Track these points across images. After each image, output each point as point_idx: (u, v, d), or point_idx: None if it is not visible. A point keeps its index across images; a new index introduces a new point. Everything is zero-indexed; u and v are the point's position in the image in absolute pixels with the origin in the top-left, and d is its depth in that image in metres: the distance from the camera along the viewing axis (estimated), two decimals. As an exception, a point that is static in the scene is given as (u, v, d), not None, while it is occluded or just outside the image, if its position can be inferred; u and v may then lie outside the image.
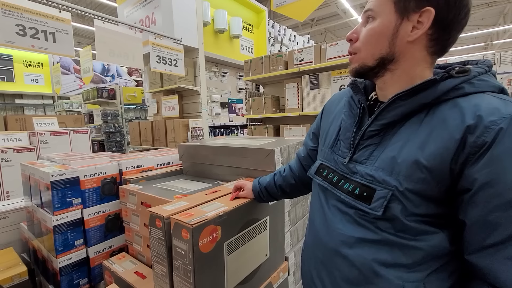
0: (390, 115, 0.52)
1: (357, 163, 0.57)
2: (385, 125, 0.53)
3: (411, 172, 0.48)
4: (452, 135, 0.45)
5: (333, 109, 0.71)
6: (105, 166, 1.30)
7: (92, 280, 1.25)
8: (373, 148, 0.55)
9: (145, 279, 1.02)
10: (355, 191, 0.56)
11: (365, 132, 0.56)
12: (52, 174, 1.11)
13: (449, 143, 0.44)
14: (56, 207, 1.12)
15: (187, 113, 3.72)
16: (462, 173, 0.44)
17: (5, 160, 2.25)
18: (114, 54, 2.40)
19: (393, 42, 0.51)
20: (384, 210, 0.50)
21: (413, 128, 0.50)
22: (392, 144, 0.52)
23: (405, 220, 0.48)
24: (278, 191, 0.90)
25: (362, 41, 0.55)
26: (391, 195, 0.49)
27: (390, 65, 0.53)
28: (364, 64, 0.55)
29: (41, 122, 2.63)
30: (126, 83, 8.25)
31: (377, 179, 0.52)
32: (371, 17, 0.53)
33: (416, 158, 0.47)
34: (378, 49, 0.53)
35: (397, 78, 0.54)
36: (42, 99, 7.10)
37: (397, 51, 0.52)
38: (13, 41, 1.63)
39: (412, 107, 0.50)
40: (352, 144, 0.59)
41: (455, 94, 0.48)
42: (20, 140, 2.44)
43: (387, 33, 0.51)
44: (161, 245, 0.80)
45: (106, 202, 1.29)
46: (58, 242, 1.14)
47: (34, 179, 1.26)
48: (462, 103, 0.46)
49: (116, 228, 1.32)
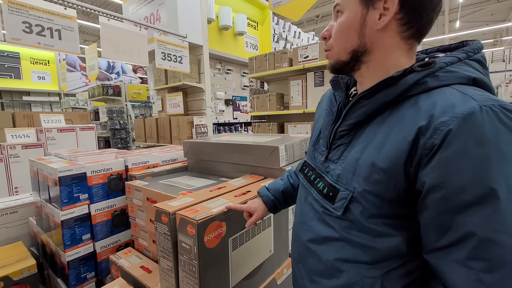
0: (355, 115, 0.52)
1: (331, 162, 0.57)
2: (353, 125, 0.53)
3: (369, 173, 0.47)
4: (405, 136, 0.43)
5: (323, 105, 0.71)
6: (111, 162, 1.32)
7: (99, 274, 1.27)
8: (343, 148, 0.55)
9: (151, 274, 1.04)
10: (324, 190, 0.57)
11: (336, 132, 0.56)
12: (60, 170, 1.12)
13: (402, 145, 0.43)
14: (64, 202, 1.14)
15: (192, 110, 3.73)
16: (417, 175, 0.43)
17: (13, 156, 2.29)
18: (119, 51, 2.41)
19: (362, 33, 0.50)
20: (344, 210, 0.51)
21: (376, 129, 0.49)
22: (358, 144, 0.52)
23: (365, 222, 0.49)
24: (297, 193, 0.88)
25: (333, 37, 0.54)
26: (351, 196, 0.50)
27: (364, 57, 0.52)
28: (338, 59, 0.54)
29: (48, 119, 2.66)
30: (131, 80, 8.30)
31: (342, 180, 0.52)
32: (340, 11, 0.52)
33: (373, 159, 0.47)
34: (349, 42, 0.51)
35: (372, 70, 0.52)
36: (48, 96, 7.18)
37: (367, 41, 0.50)
38: (20, 38, 1.65)
39: (374, 106, 0.49)
40: (328, 143, 0.59)
41: (418, 90, 0.45)
42: (28, 136, 2.48)
43: (355, 25, 0.50)
44: (167, 240, 0.81)
45: (112, 197, 1.31)
46: (66, 236, 1.16)
47: (42, 175, 1.29)
48: (421, 101, 0.44)
49: (122, 223, 1.34)
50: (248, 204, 0.82)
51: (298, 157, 1.25)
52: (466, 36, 11.48)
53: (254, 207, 0.80)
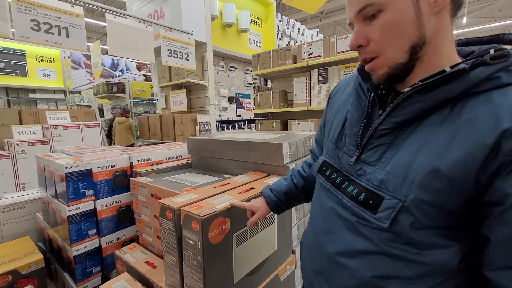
0: (406, 111, 0.45)
1: (365, 164, 0.50)
2: (400, 123, 0.46)
3: (427, 181, 0.41)
4: (482, 139, 0.37)
5: (339, 98, 0.64)
6: (116, 159, 1.33)
7: (105, 269, 1.29)
8: (384, 149, 0.48)
9: (155, 269, 1.05)
10: (360, 197, 0.50)
11: (376, 130, 0.49)
12: (66, 166, 1.14)
13: (477, 150, 0.38)
14: (70, 198, 1.16)
15: (195, 107, 3.74)
16: (491, 184, 0.38)
17: (20, 153, 2.32)
18: (126, 48, 2.43)
19: (420, 22, 0.42)
20: (391, 222, 0.44)
21: (433, 128, 0.42)
22: (407, 146, 0.45)
23: (413, 234, 0.44)
24: (302, 194, 0.81)
25: (382, 40, 0.45)
26: (401, 206, 0.43)
27: (421, 51, 0.44)
28: (396, 63, 0.45)
29: (54, 116, 2.69)
30: (135, 77, 8.34)
31: (387, 186, 0.45)
32: (377, 10, 0.44)
33: (435, 165, 0.40)
34: (407, 38, 0.43)
35: (426, 63, 0.45)
36: (54, 93, 7.25)
37: (426, 30, 0.43)
38: (28, 36, 1.68)
39: (433, 102, 0.42)
40: (359, 142, 0.52)
41: (489, 86, 0.39)
42: (34, 133, 2.51)
43: (410, 17, 0.42)
44: (172, 236, 0.82)
45: (117, 194, 1.32)
46: (72, 231, 1.18)
47: (49, 171, 1.31)
48: (497, 99, 0.38)
49: (127, 219, 1.36)
50: (251, 203, 0.79)
51: (301, 155, 1.25)
52: (474, 33, 11.29)
53: (257, 206, 0.78)
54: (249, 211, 0.79)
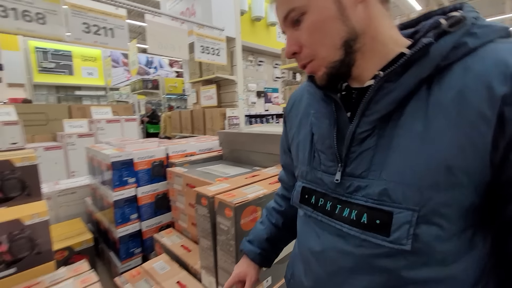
0: (381, 106, 0.39)
1: (355, 178, 0.43)
2: (378, 120, 0.40)
3: (438, 178, 0.35)
4: (481, 114, 0.33)
5: (296, 113, 0.58)
6: (154, 150, 1.43)
7: (144, 250, 1.41)
8: (371, 154, 0.41)
9: (190, 252, 1.13)
10: (362, 219, 0.41)
11: (354, 136, 0.42)
12: (112, 156, 1.26)
13: (481, 126, 0.33)
14: (115, 185, 1.28)
15: (224, 102, 3.83)
16: (507, 160, 0.33)
17: (70, 144, 2.58)
18: (163, 46, 2.57)
19: (345, 16, 0.40)
20: (413, 240, 0.37)
21: (419, 115, 0.37)
22: (397, 143, 0.39)
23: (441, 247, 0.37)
24: (286, 233, 0.71)
25: (311, 43, 0.43)
26: (418, 217, 0.37)
27: (357, 44, 0.41)
28: (331, 62, 0.43)
29: (98, 111, 2.94)
30: (168, 74, 8.72)
31: (391, 196, 0.38)
32: (300, 14, 0.42)
33: (441, 157, 0.35)
34: (335, 35, 0.41)
35: (369, 54, 0.42)
36: (96, 90, 7.86)
37: (355, 23, 0.40)
38: (80, 38, 1.86)
39: (407, 88, 0.38)
40: (338, 154, 0.45)
41: (457, 55, 0.36)
42: (81, 127, 2.77)
43: (333, 13, 0.40)
44: (206, 222, 0.87)
45: (155, 182, 1.43)
46: (117, 215, 1.31)
47: (97, 160, 1.45)
48: (476, 65, 0.34)
49: (164, 206, 1.46)
50: (235, 271, 0.68)
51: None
52: None
53: (242, 271, 0.68)
54: (239, 283, 0.68)
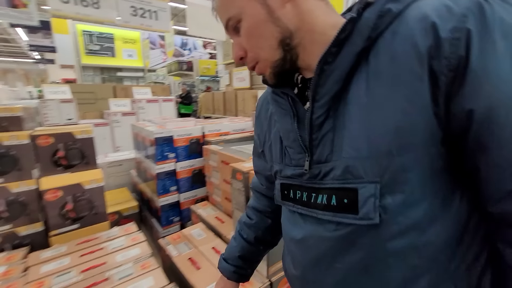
0: (327, 87, 0.40)
1: (322, 164, 0.43)
2: (329, 101, 0.41)
3: (390, 143, 0.36)
4: (414, 72, 0.33)
5: (265, 115, 0.59)
6: (191, 128, 1.53)
7: (182, 220, 1.55)
8: (331, 136, 0.41)
9: (223, 223, 1.22)
10: (332, 202, 0.42)
11: (312, 123, 0.43)
12: (155, 132, 1.37)
13: (416, 85, 0.34)
14: (158, 158, 1.40)
15: (256, 84, 3.85)
16: (449, 113, 0.33)
17: (115, 122, 2.82)
18: (201, 27, 2.63)
19: (275, 18, 0.41)
20: (382, 212, 0.37)
21: (362, 88, 0.38)
22: (349, 120, 0.39)
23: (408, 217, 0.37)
24: (260, 246, 0.69)
25: (251, 47, 0.45)
26: (381, 187, 0.37)
27: (295, 40, 0.42)
28: (273, 62, 0.44)
29: (139, 91, 3.14)
30: (201, 55, 8.87)
31: (353, 173, 0.39)
32: (237, 22, 0.44)
33: (388, 122, 0.36)
34: (270, 37, 0.42)
35: (310, 45, 0.43)
36: (135, 71, 8.31)
37: (287, 21, 0.41)
38: (129, 21, 1.99)
39: (345, 64, 0.38)
40: (303, 145, 0.45)
41: (385, 23, 0.36)
42: (125, 106, 3.00)
43: (263, 17, 0.41)
44: (241, 195, 0.94)
45: (192, 158, 1.53)
46: (159, 186, 1.44)
47: (141, 136, 1.58)
48: (400, 28, 0.35)
49: (199, 181, 1.58)
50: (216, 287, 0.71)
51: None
52: None
53: None
54: None
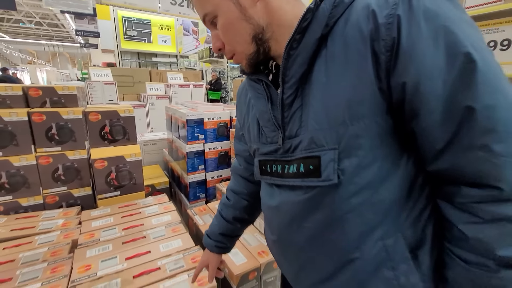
0: (294, 70, 0.45)
1: (293, 138, 0.48)
2: (296, 82, 0.45)
3: (343, 114, 0.41)
4: (360, 53, 0.38)
5: (244, 100, 0.64)
6: (220, 112, 1.62)
7: (208, 197, 1.67)
8: (299, 113, 0.46)
9: (245, 202, 1.31)
10: (300, 169, 0.47)
11: (283, 102, 0.48)
12: (188, 114, 1.48)
13: (363, 64, 0.39)
14: (188, 139, 1.52)
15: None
16: (390, 87, 0.38)
17: (151, 104, 3.02)
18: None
19: (248, 16, 0.45)
20: (339, 174, 0.42)
21: (322, 69, 0.43)
22: (313, 97, 0.44)
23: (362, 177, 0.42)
24: (238, 224, 0.76)
25: (227, 41, 0.49)
26: (339, 153, 0.42)
27: (267, 34, 0.47)
28: (248, 55, 0.49)
29: (172, 76, 3.31)
30: (232, 43, 8.91)
31: (317, 143, 0.44)
32: (213, 17, 0.48)
33: (341, 96, 0.41)
34: (244, 33, 0.47)
35: (281, 37, 0.47)
36: (169, 57, 8.61)
37: (258, 19, 0.46)
38: (169, 10, 2.10)
39: (308, 49, 0.43)
40: (276, 123, 0.50)
41: (340, 12, 0.41)
42: (159, 89, 3.18)
43: (237, 15, 0.46)
44: (262, 175, 1.01)
45: (219, 141, 1.63)
46: (189, 164, 1.57)
47: (174, 117, 1.71)
48: (350, 16, 0.40)
49: (225, 162, 1.68)
50: (202, 259, 0.79)
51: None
52: None
53: (205, 259, 0.77)
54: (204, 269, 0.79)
